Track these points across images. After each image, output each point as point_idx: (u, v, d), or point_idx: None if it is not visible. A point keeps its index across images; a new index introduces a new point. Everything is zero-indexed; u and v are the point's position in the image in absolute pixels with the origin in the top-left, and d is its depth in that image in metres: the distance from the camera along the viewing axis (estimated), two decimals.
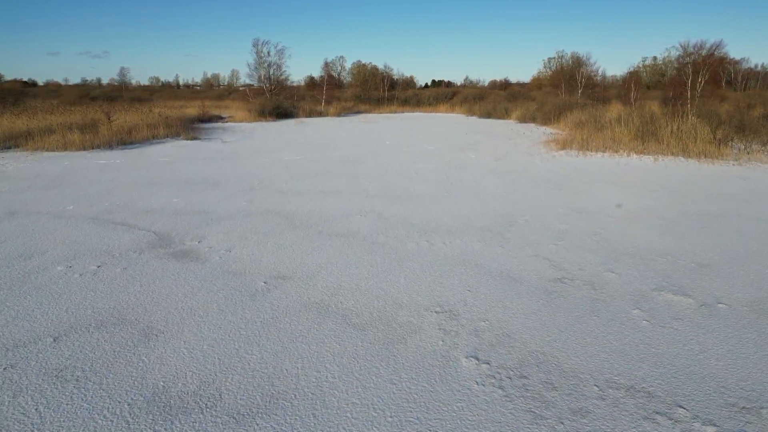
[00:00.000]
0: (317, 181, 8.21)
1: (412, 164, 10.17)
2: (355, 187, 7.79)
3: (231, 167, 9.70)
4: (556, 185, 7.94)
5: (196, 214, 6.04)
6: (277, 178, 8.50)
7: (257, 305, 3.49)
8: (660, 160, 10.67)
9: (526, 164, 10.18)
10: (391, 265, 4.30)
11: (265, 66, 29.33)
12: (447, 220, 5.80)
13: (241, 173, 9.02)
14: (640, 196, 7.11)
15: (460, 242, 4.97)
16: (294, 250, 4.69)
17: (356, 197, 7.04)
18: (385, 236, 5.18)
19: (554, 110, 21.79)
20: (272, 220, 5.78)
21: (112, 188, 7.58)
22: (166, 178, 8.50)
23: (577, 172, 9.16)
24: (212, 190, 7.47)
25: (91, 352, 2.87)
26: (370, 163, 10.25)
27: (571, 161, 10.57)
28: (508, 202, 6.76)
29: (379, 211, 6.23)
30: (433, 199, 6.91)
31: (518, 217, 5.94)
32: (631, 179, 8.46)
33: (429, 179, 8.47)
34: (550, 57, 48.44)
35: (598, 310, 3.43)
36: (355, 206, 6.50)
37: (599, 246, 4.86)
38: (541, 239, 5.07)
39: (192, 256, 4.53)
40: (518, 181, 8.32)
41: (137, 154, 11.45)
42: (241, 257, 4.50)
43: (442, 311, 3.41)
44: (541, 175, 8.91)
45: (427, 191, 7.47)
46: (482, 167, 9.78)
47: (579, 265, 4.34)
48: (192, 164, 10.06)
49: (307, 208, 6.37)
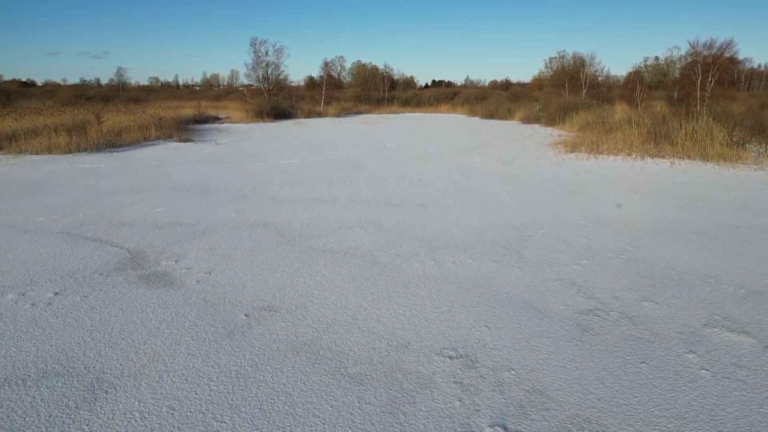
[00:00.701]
0: (313, 188, 7.64)
1: (414, 168, 9.60)
2: (354, 194, 7.22)
3: (223, 172, 9.12)
4: (570, 192, 7.36)
5: (178, 227, 5.47)
6: (270, 184, 7.92)
7: (234, 347, 2.92)
8: (676, 163, 10.09)
9: (535, 168, 9.60)
10: (394, 292, 3.73)
11: (263, 66, 28.76)
12: (455, 233, 5.22)
13: (233, 178, 8.44)
14: (663, 206, 6.53)
15: (472, 261, 4.39)
16: (283, 272, 4.12)
17: (355, 206, 6.46)
18: (387, 253, 4.61)
19: (559, 111, 21.23)
20: (262, 234, 5.21)
21: (92, 196, 7.00)
22: (152, 184, 7.92)
23: (590, 178, 8.58)
24: (200, 198, 6.89)
25: (20, 417, 2.29)
26: (370, 168, 9.68)
27: (583, 165, 9.99)
28: (520, 211, 6.18)
29: (379, 222, 5.65)
30: (439, 208, 6.33)
31: (534, 230, 5.36)
32: (650, 185, 7.88)
33: (433, 185, 7.89)
34: (551, 57, 47.86)
35: (644, 354, 2.85)
36: (353, 216, 5.93)
37: (630, 267, 4.28)
38: (563, 258, 4.49)
39: (166, 280, 3.95)
40: (529, 187, 7.74)
41: (125, 158, 10.87)
42: (221, 281, 3.92)
43: (456, 356, 2.83)
44: (552, 180, 8.33)
45: (432, 199, 6.89)
46: (489, 172, 9.20)
47: (611, 291, 3.76)
48: (182, 168, 9.48)
49: (300, 219, 5.79)
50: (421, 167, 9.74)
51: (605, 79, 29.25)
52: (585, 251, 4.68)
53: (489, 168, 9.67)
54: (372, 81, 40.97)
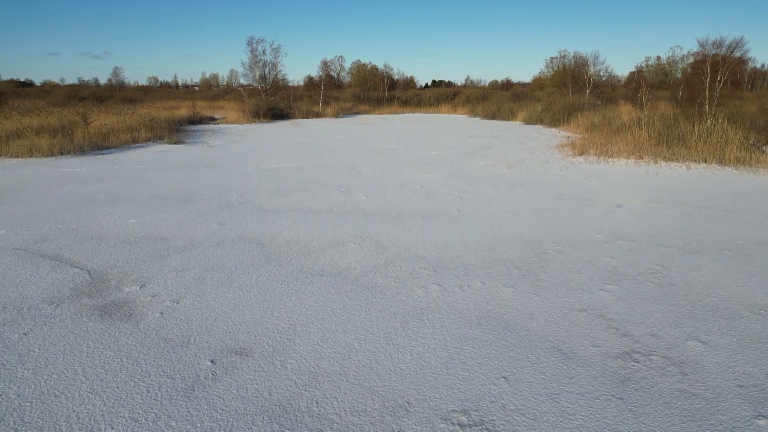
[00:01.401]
0: (306, 196, 7.06)
1: (415, 173, 9.02)
2: (350, 203, 6.64)
3: (210, 177, 8.55)
4: (585, 200, 6.78)
5: (151, 242, 4.89)
6: (259, 192, 7.35)
7: (192, 408, 2.34)
8: (692, 168, 9.52)
9: (544, 173, 9.03)
10: (392, 328, 3.16)
11: (260, 65, 28.18)
12: (462, 250, 4.65)
13: (220, 185, 7.87)
14: (689, 217, 5.96)
15: (482, 286, 3.82)
16: (263, 301, 3.54)
17: (350, 217, 5.89)
18: (385, 276, 4.04)
19: (563, 111, 20.66)
20: (244, 252, 4.63)
21: (64, 205, 6.43)
22: (132, 191, 7.35)
23: (604, 184, 8.01)
24: (181, 208, 6.32)
25: None
26: (368, 173, 9.10)
27: (594, 169, 9.42)
28: (532, 223, 5.61)
29: (377, 237, 5.08)
30: (443, 220, 5.76)
31: (550, 246, 4.79)
32: (671, 193, 7.31)
33: (436, 193, 7.31)
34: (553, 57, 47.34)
35: (705, 419, 2.28)
36: (348, 230, 5.35)
37: (664, 293, 3.71)
38: (587, 281, 3.92)
39: (125, 311, 3.38)
40: (539, 194, 7.16)
41: (109, 161, 10.30)
42: (189, 314, 3.34)
43: (469, 422, 2.26)
44: (564, 186, 7.75)
45: (435, 208, 6.32)
46: (495, 177, 8.63)
47: (648, 326, 3.18)
48: (167, 173, 8.91)
49: (289, 234, 5.21)
50: (422, 172, 9.17)
51: (608, 79, 28.69)
52: (610, 273, 4.10)
53: (495, 173, 9.09)
54: (371, 81, 40.43)
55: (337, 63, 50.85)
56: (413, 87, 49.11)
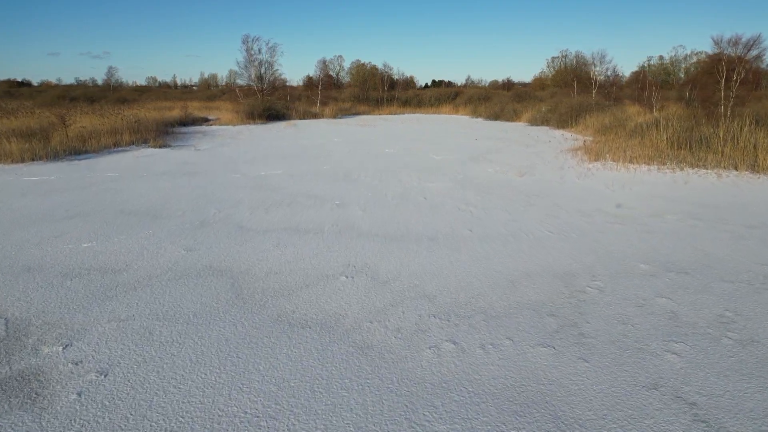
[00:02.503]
0: (294, 211, 6.18)
1: (418, 182, 8.14)
2: (344, 219, 5.76)
3: (190, 187, 7.67)
4: (615, 217, 5.90)
5: (99, 275, 4.01)
6: (242, 205, 6.47)
7: None
8: (723, 176, 8.64)
9: (560, 181, 8.15)
10: (395, 422, 2.28)
11: (255, 65, 27.28)
12: (479, 288, 3.77)
13: (199, 196, 6.99)
14: (742, 239, 5.07)
15: (511, 345, 2.94)
16: (220, 375, 2.66)
17: (344, 239, 5.01)
18: (384, 327, 3.16)
19: (571, 112, 19.79)
20: (210, 290, 3.75)
21: (12, 223, 5.54)
22: (97, 204, 6.47)
23: (631, 196, 7.12)
24: (148, 227, 5.44)
25: None
26: (366, 181, 8.22)
27: (615, 178, 8.54)
28: (559, 248, 4.73)
29: (374, 268, 4.20)
30: (453, 243, 4.88)
31: (585, 280, 3.91)
32: (710, 207, 6.43)
33: (442, 206, 6.43)
34: (554, 56, 46.50)
35: None
36: (340, 256, 4.47)
37: (751, 358, 2.82)
38: (644, 336, 3.04)
39: (30, 390, 2.50)
40: (560, 209, 6.28)
41: (83, 168, 9.41)
42: (116, 396, 2.46)
43: None
44: (586, 199, 6.87)
45: (442, 227, 5.44)
46: (507, 187, 7.75)
47: (751, 421, 2.30)
48: (143, 182, 8.02)
49: (269, 263, 4.33)
50: (425, 180, 8.28)
51: (614, 78, 27.78)
52: (671, 323, 3.22)
53: (506, 181, 8.21)
54: (371, 81, 39.56)
55: (337, 63, 49.98)
56: (413, 87, 48.19)
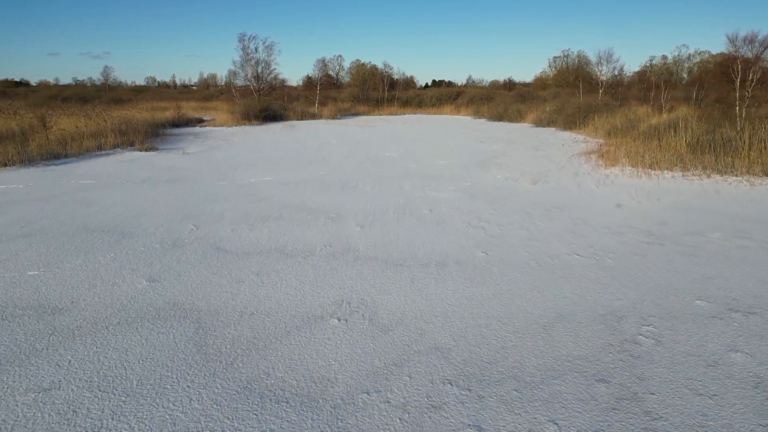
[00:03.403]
0: (283, 228, 5.42)
1: (422, 190, 7.38)
2: (339, 238, 5.01)
3: (170, 197, 6.91)
4: (650, 236, 5.15)
5: (34, 317, 3.26)
6: (224, 220, 5.71)
7: None
8: (756, 184, 7.88)
9: (579, 191, 7.39)
10: None
11: (252, 64, 26.51)
12: (506, 339, 3.01)
13: (178, 208, 6.23)
14: None
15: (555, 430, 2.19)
16: None
17: (336, 265, 4.25)
18: (385, 402, 2.41)
19: (578, 113, 19.03)
20: (166, 340, 3.00)
21: None
22: (62, 219, 5.71)
23: (660, 208, 6.37)
24: (110, 248, 4.69)
25: None
26: (364, 189, 7.47)
27: (638, 186, 7.78)
28: (595, 278, 3.97)
29: (372, 306, 3.45)
30: (466, 270, 4.13)
31: (636, 326, 3.15)
32: (756, 222, 5.67)
33: (450, 221, 5.68)
34: (556, 56, 45.76)
35: None
36: (330, 290, 3.72)
37: None
38: (730, 418, 2.29)
39: None
40: (586, 225, 5.53)
41: (57, 175, 8.66)
42: None
43: None
44: (612, 212, 6.12)
45: (452, 249, 4.68)
46: (520, 196, 6.99)
47: None
48: (118, 191, 7.27)
49: (244, 299, 3.58)
50: (430, 188, 7.53)
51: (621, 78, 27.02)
52: (759, 394, 2.47)
53: (518, 190, 7.45)
54: (371, 81, 38.82)
55: (336, 62, 49.23)
56: (413, 87, 47.42)
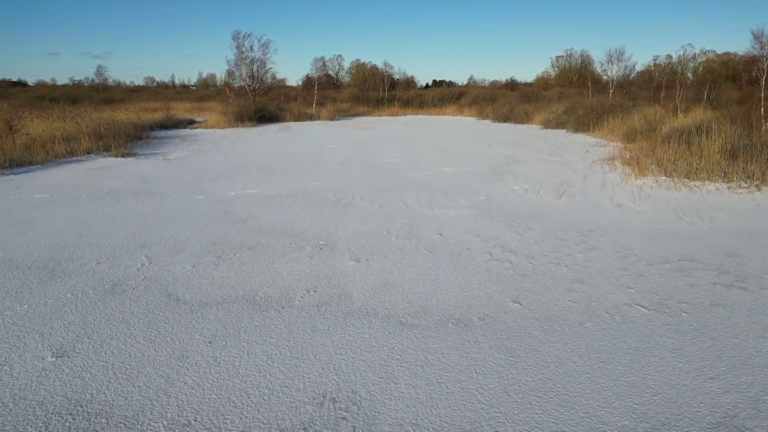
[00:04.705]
0: (257, 262, 4.32)
1: (429, 207, 6.28)
2: (326, 279, 3.90)
3: (129, 216, 5.81)
4: (728, 277, 4.03)
5: None
6: (187, 249, 4.61)
7: None
8: None
9: (614, 208, 6.28)
10: None
11: (247, 62, 25.40)
12: None
13: (134, 232, 5.13)
14: None
15: None
16: None
17: (320, 325, 3.14)
18: None
19: (591, 114, 17.91)
20: None
21: None
22: None
23: (718, 231, 5.26)
24: (28, 294, 3.58)
25: None
26: (362, 206, 6.36)
27: (680, 201, 6.68)
28: (679, 353, 2.86)
29: (369, 408, 2.35)
30: (496, 334, 3.02)
31: None
32: None
33: (467, 252, 4.57)
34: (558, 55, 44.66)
35: None
36: (309, 372, 2.61)
37: None
38: None
39: None
40: (638, 258, 4.41)
41: (11, 187, 7.55)
42: None
43: None
44: (663, 237, 5.00)
45: (474, 295, 3.57)
46: (547, 215, 5.88)
47: None
48: (72, 208, 6.17)
49: (183, 391, 2.47)
50: (439, 204, 6.43)
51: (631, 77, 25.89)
52: None
53: (543, 206, 6.34)
54: (371, 81, 37.73)
55: (336, 62, 48.14)
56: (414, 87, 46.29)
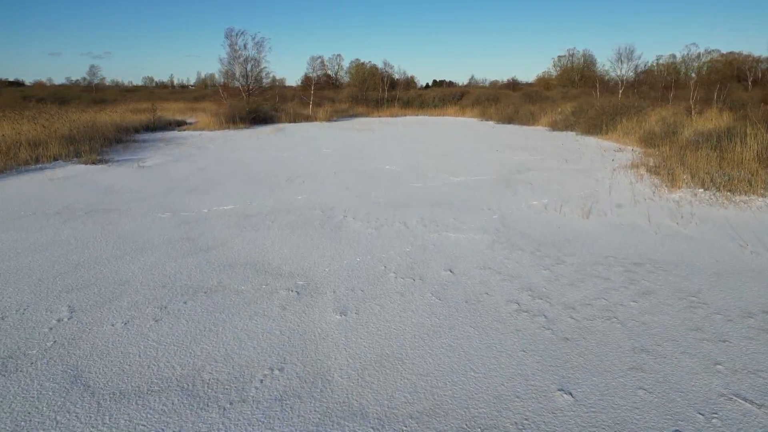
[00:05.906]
0: (209, 314, 3.28)
1: (435, 231, 5.25)
2: (299, 347, 2.87)
3: (67, 245, 4.78)
4: None
5: None
6: (123, 296, 3.58)
7: None
8: None
9: (656, 231, 5.25)
10: None
11: (240, 61, 24.36)
12: None
13: (64, 269, 4.10)
14: None
15: None
16: None
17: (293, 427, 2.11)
18: None
19: (603, 116, 16.86)
20: None
21: None
22: None
23: None
24: None
25: None
26: (354, 228, 5.33)
27: (731, 221, 5.65)
28: None
29: None
30: None
31: None
32: None
33: (485, 299, 3.53)
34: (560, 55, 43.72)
35: None
36: None
37: None
38: None
39: None
40: (711, 310, 3.38)
41: None
42: None
43: None
44: (736, 280, 3.96)
45: (504, 377, 2.55)
46: (579, 243, 4.85)
47: None
48: (7, 231, 5.13)
49: None
50: (446, 226, 5.39)
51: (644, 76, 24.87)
52: None
53: (569, 228, 5.30)
54: (371, 80, 36.69)
55: (336, 62, 47.12)
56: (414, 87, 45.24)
